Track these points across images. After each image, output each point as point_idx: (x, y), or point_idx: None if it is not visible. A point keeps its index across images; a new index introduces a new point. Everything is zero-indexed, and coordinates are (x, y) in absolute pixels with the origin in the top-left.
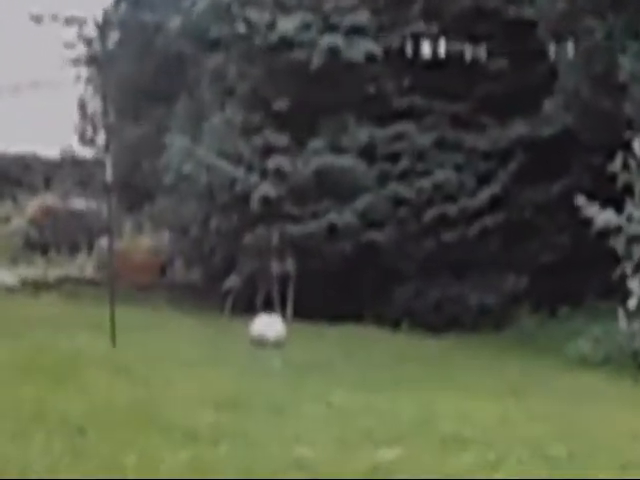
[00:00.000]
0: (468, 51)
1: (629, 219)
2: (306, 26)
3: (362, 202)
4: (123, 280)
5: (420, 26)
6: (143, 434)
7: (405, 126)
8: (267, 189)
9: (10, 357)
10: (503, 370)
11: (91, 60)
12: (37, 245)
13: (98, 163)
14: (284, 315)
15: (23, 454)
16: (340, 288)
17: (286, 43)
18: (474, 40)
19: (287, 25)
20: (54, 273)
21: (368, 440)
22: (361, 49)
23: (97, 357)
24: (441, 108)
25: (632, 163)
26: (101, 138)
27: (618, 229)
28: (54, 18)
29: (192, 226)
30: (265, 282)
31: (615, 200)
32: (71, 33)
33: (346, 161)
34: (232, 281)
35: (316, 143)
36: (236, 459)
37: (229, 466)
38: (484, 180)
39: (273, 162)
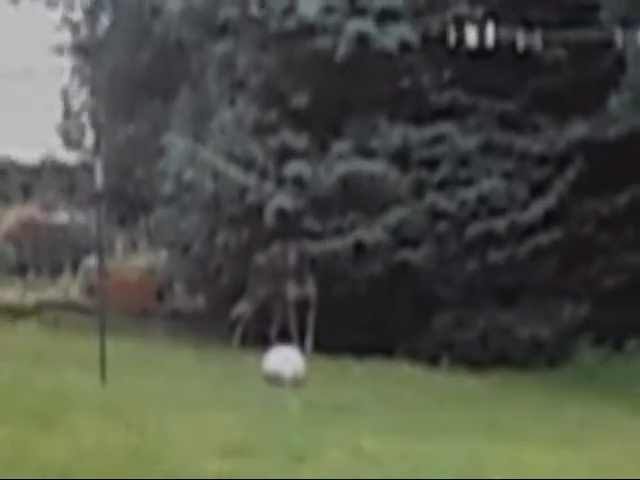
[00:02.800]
0: (520, 39)
1: None
2: (330, 9)
3: (394, 216)
4: (114, 306)
5: (463, 9)
6: None
7: (445, 127)
8: (283, 200)
9: None
10: (560, 414)
11: (78, 48)
12: (14, 265)
13: (85, 168)
14: (302, 348)
15: None
16: (368, 317)
17: (306, 29)
18: (527, 26)
19: (308, 8)
20: (33, 297)
21: None
22: (394, 36)
23: (84, 397)
24: (487, 106)
25: None
26: (89, 139)
27: None
28: None
29: (195, 243)
30: (280, 309)
31: None
32: (55, 16)
33: (376, 167)
34: (242, 308)
35: (341, 146)
36: None
37: None
38: (538, 190)
39: (291, 168)
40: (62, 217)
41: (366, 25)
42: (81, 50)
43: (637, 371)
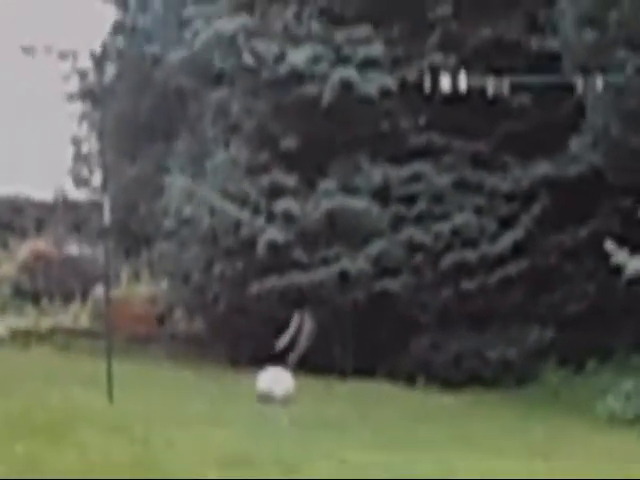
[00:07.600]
0: (489, 86)
1: None
2: (317, 58)
3: (375, 247)
4: (120, 331)
5: (438, 58)
6: None
7: (422, 166)
8: (274, 233)
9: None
10: (527, 430)
11: (86, 95)
12: (28, 293)
13: (93, 205)
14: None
15: None
16: (351, 340)
17: (295, 76)
18: (495, 74)
19: (297, 57)
20: (46, 323)
21: None
22: (375, 83)
23: (93, 414)
24: (460, 147)
25: None
26: (96, 179)
27: None
28: (47, 50)
29: (194, 273)
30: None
31: None
32: (65, 66)
33: (359, 203)
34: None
35: (327, 184)
36: None
37: None
38: (506, 224)
39: (281, 204)
40: (72, 250)
41: (349, 73)
42: (89, 97)
43: (597, 390)
